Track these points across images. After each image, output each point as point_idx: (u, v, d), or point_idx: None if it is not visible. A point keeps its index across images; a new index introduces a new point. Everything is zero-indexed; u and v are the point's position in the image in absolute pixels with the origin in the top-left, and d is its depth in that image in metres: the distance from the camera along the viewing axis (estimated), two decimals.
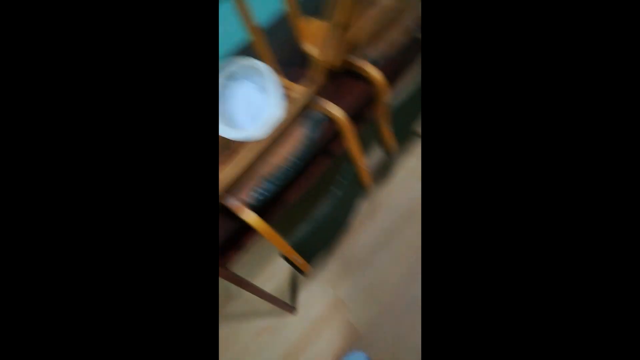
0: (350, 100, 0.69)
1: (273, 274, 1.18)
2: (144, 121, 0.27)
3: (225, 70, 0.64)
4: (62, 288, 0.25)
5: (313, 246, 0.77)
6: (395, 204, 1.20)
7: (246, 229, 0.71)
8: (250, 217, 0.58)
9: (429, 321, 0.27)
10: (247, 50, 0.96)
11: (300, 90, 0.71)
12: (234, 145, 0.69)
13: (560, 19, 0.24)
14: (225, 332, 1.11)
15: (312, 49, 0.76)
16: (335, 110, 0.65)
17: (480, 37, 0.26)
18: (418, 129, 1.12)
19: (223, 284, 1.15)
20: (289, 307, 1.07)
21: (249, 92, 0.69)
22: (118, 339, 0.26)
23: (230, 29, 1.01)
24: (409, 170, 1.26)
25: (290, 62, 0.83)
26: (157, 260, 0.27)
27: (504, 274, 0.25)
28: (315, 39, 0.77)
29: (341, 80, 0.73)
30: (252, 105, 0.68)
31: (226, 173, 0.60)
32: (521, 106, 0.25)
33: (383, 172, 1.27)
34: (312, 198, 1.30)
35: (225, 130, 0.61)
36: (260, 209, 0.64)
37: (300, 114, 0.69)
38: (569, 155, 0.24)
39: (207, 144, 0.29)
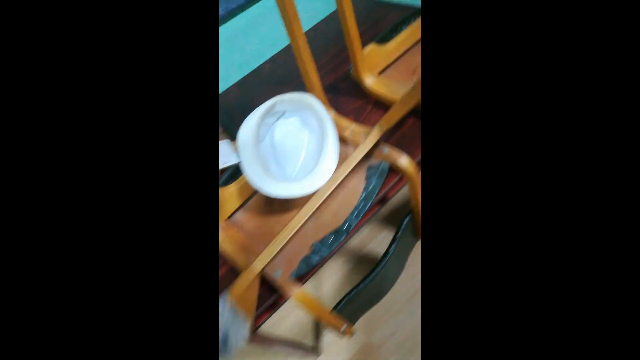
0: (419, 149, 0.57)
1: (295, 306, 1.08)
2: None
3: (265, 106, 0.52)
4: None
5: (360, 308, 0.66)
6: None
7: None
8: (301, 296, 0.47)
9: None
10: (274, 67, 0.84)
11: (354, 130, 0.59)
12: (278, 203, 0.57)
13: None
14: None
15: (372, 81, 0.64)
16: (403, 160, 0.53)
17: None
18: None
19: None
20: (313, 349, 0.97)
21: (295, 133, 0.57)
22: None
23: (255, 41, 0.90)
24: None
25: (333, 87, 0.70)
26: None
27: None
28: (375, 68, 0.65)
29: (409, 123, 0.61)
30: (299, 149, 0.57)
31: (273, 244, 0.49)
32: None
33: None
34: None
35: (267, 184, 0.50)
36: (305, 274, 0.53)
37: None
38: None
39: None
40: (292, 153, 0.56)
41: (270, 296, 0.53)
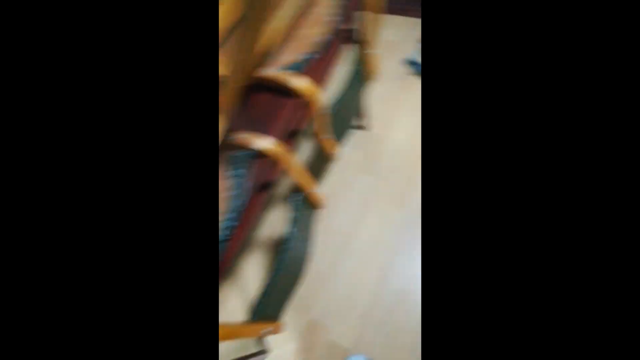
0: (278, 124, 0.52)
1: (230, 311, 1.01)
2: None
3: None
4: None
5: (282, 299, 0.62)
6: (343, 204, 1.09)
7: None
8: None
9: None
10: None
11: None
12: None
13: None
14: None
15: None
16: (264, 142, 0.48)
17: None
18: (356, 122, 0.99)
19: None
20: (260, 353, 0.92)
21: None
22: None
23: None
24: (351, 163, 1.15)
25: None
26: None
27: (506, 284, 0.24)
28: None
29: (257, 100, 0.54)
30: None
31: None
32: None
33: (318, 171, 1.14)
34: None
35: None
36: None
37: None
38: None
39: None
40: None
41: None
